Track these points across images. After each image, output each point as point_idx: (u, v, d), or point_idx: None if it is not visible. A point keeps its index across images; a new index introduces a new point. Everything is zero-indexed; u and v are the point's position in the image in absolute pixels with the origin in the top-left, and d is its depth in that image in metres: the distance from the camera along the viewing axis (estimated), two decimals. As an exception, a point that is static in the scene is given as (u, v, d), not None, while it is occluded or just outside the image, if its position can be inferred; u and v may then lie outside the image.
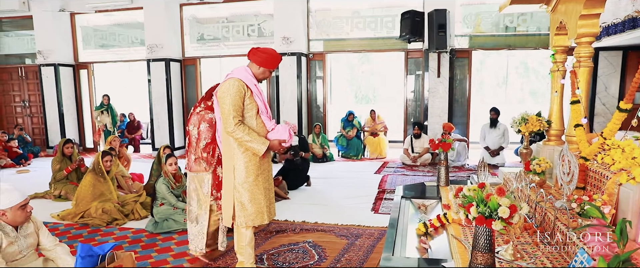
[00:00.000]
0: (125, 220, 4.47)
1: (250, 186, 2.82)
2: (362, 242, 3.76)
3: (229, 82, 2.72)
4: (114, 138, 6.41)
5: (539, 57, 12.24)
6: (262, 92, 2.87)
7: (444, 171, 3.23)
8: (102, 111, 8.91)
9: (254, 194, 2.83)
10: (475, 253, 1.56)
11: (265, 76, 2.89)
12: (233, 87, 2.68)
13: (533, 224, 2.13)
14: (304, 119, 8.76)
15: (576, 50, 2.40)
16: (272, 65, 2.83)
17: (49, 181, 5.58)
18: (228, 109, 2.68)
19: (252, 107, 2.77)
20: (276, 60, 2.84)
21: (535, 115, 2.85)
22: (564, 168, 2.11)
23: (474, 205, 1.53)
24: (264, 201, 2.87)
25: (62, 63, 9.55)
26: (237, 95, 2.68)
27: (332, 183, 6.21)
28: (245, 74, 2.79)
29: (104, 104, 8.88)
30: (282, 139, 2.86)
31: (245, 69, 2.82)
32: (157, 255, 3.57)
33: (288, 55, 8.36)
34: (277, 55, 2.86)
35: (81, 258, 2.47)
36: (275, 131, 2.88)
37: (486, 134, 7.40)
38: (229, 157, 2.85)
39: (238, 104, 2.69)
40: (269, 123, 2.87)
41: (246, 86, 2.74)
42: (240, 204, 2.84)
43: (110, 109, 8.94)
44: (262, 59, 2.80)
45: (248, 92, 2.74)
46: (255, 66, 2.82)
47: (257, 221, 2.86)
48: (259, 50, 2.82)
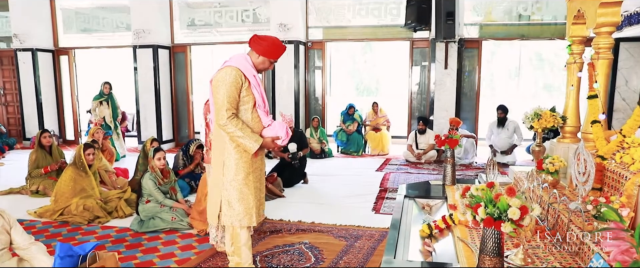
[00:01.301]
0: (108, 218, 4.46)
1: (239, 185, 2.79)
2: (362, 244, 3.77)
3: (225, 70, 2.68)
4: (97, 130, 6.40)
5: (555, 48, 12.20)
6: (261, 84, 2.83)
7: (450, 169, 3.23)
8: (101, 101, 7.85)
9: (242, 193, 2.80)
10: (483, 257, 1.56)
11: (265, 67, 2.85)
12: (229, 76, 2.65)
13: (545, 227, 2.13)
14: (301, 112, 8.75)
15: (595, 40, 2.39)
16: (274, 55, 2.78)
17: (26, 176, 5.56)
18: (222, 100, 2.65)
19: (249, 99, 2.73)
20: (279, 50, 2.79)
21: (549, 110, 2.85)
22: (580, 168, 2.11)
23: (482, 206, 1.53)
24: (253, 201, 2.84)
25: (40, 48, 9.49)
26: (232, 85, 2.64)
27: (330, 180, 6.22)
28: (245, 62, 2.74)
29: (104, 94, 7.86)
30: (276, 136, 2.82)
31: (245, 58, 2.77)
32: (142, 256, 3.57)
33: (285, 43, 8.30)
34: (280, 44, 2.80)
35: (60, 259, 2.46)
36: (271, 128, 2.84)
37: (493, 134, 7.35)
38: (219, 151, 2.84)
39: (233, 95, 2.66)
40: (266, 119, 2.84)
41: (244, 76, 2.69)
42: (228, 203, 2.82)
43: (111, 99, 7.93)
44: (263, 48, 2.74)
45: (246, 83, 2.70)
46: (256, 54, 2.77)
47: (244, 221, 2.83)
48: (260, 38, 2.78)
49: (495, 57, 14.49)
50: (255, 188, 2.89)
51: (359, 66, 17.13)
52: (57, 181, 4.90)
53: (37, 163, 5.49)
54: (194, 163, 5.54)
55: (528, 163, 6.96)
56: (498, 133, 7.28)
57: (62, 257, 2.47)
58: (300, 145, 6.01)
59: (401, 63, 10.00)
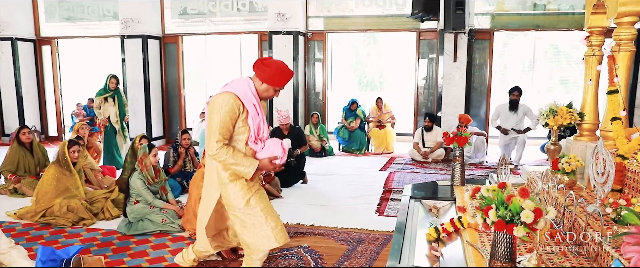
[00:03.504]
0: (93, 220, 4.46)
1: (242, 213, 2.78)
2: (364, 248, 3.77)
3: (223, 96, 2.62)
4: (82, 125, 6.39)
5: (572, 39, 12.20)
6: (261, 112, 2.76)
7: (459, 168, 3.23)
8: (106, 97, 7.10)
9: (251, 219, 2.79)
10: (494, 262, 1.56)
11: (269, 95, 2.77)
12: (226, 105, 2.59)
13: (561, 231, 2.12)
14: (300, 108, 8.75)
15: (616, 31, 2.39)
16: (279, 82, 2.70)
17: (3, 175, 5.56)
18: (214, 129, 2.60)
19: (245, 130, 2.69)
20: (285, 76, 2.71)
21: (565, 106, 2.84)
22: (598, 168, 2.10)
23: (493, 208, 1.53)
24: (266, 223, 2.79)
25: (20, 37, 9.47)
26: (227, 116, 2.59)
27: (331, 180, 6.22)
28: (246, 89, 2.67)
29: (110, 89, 7.05)
30: (273, 156, 2.79)
31: (248, 83, 2.69)
32: (130, 260, 3.57)
33: (283, 34, 8.32)
34: (286, 70, 2.71)
35: (42, 263, 2.47)
36: (266, 149, 2.80)
37: (501, 118, 7.17)
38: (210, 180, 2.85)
39: (227, 126, 2.61)
40: (257, 146, 2.79)
41: (242, 105, 2.63)
42: (244, 226, 2.81)
43: (118, 96, 7.14)
44: (267, 75, 2.65)
45: (243, 113, 2.65)
46: (259, 81, 2.70)
47: (264, 246, 2.81)
48: (265, 63, 2.69)
49: (508, 49, 14.49)
50: (262, 207, 2.83)
51: (362, 59, 17.14)
52: (37, 180, 4.89)
53: (13, 160, 5.45)
54: (181, 158, 5.53)
55: (542, 163, 6.96)
56: (507, 117, 7.06)
57: (44, 260, 2.48)
58: (298, 143, 6.01)
59: (407, 56, 10.00)
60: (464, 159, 3.33)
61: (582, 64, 2.88)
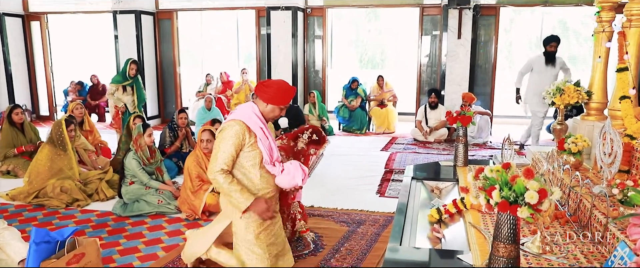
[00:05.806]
0: (88, 201, 4.48)
1: (249, 245, 2.78)
2: (365, 230, 3.80)
3: (229, 125, 2.67)
4: (76, 105, 6.35)
5: (581, 15, 12.06)
6: (270, 134, 2.80)
7: (462, 148, 3.23)
8: (125, 86, 6.61)
9: (255, 254, 2.79)
10: (497, 244, 1.57)
11: (275, 115, 2.81)
12: (231, 131, 2.63)
13: (565, 212, 2.14)
14: (299, 86, 8.70)
15: (627, 6, 2.35)
16: (282, 101, 2.75)
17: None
18: (217, 155, 2.65)
19: (256, 155, 2.70)
20: (287, 94, 2.75)
21: (573, 84, 2.82)
22: (605, 148, 2.10)
23: (496, 189, 1.53)
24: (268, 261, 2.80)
25: (8, 12, 9.35)
26: (232, 145, 2.62)
27: (331, 161, 6.22)
28: (251, 113, 2.72)
29: (130, 77, 6.53)
30: (295, 185, 2.83)
31: (252, 108, 2.75)
32: (126, 242, 3.60)
33: (281, 9, 8.22)
34: (287, 88, 2.76)
35: (35, 245, 2.47)
36: (285, 173, 2.79)
37: (534, 69, 6.37)
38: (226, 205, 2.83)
39: (230, 154, 2.64)
40: (275, 169, 2.79)
41: (249, 130, 2.67)
42: (240, 261, 2.82)
43: (137, 84, 6.66)
44: (269, 96, 2.70)
45: (252, 138, 2.68)
46: (263, 103, 2.75)
47: None
48: (264, 84, 2.75)
49: (514, 25, 14.35)
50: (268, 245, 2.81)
51: (363, 36, 16.99)
52: (30, 161, 4.90)
53: (8, 142, 5.46)
54: (179, 139, 5.53)
55: (548, 143, 6.95)
56: (543, 71, 6.27)
57: (38, 243, 2.49)
58: (296, 122, 6.00)
59: (409, 32, 9.93)
60: (467, 139, 3.33)
61: (591, 41, 2.85)
